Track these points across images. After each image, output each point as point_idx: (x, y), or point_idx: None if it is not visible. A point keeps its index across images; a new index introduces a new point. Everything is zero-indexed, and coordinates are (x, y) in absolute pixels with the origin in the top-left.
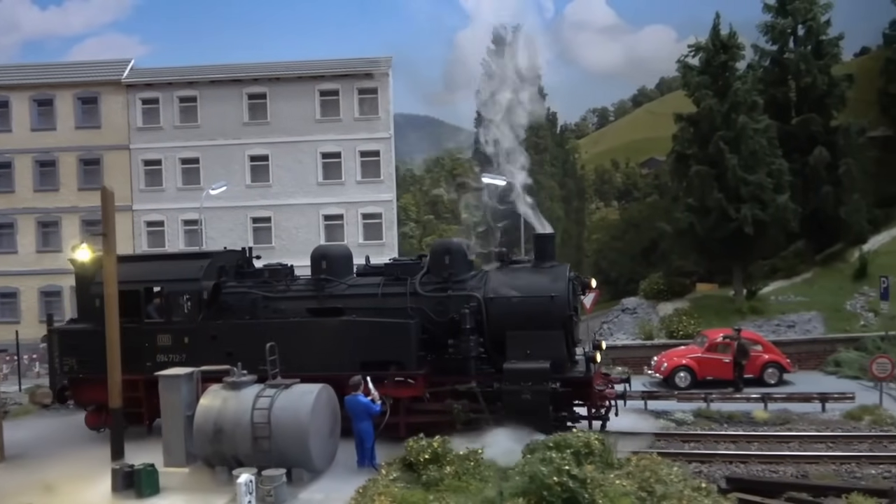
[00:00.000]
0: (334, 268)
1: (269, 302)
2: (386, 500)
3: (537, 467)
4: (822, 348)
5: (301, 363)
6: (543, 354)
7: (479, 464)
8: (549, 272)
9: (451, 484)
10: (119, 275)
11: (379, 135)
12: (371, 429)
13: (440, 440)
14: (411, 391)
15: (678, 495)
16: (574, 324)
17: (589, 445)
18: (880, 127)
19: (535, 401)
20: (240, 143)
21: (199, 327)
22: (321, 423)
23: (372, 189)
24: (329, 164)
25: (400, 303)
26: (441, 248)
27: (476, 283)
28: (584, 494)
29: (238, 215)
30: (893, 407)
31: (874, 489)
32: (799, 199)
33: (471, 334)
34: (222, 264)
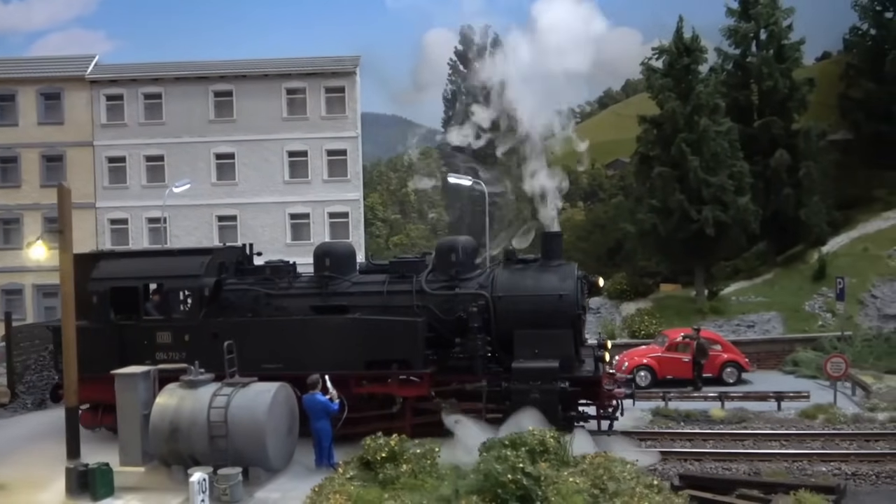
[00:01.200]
0: (338, 265)
1: (272, 299)
2: (341, 498)
3: (492, 465)
4: (780, 348)
5: (304, 362)
6: (552, 353)
7: (436, 462)
8: (557, 271)
9: (408, 482)
10: (117, 271)
11: (346, 133)
12: (329, 428)
13: (397, 438)
14: (417, 390)
15: (630, 492)
16: (582, 323)
17: (544, 444)
18: (840, 130)
19: (545, 400)
20: (205, 141)
21: (201, 325)
22: (279, 421)
23: (339, 188)
24: (295, 162)
25: (406, 301)
26: (447, 246)
27: (483, 281)
28: (538, 492)
29: (203, 213)
30: (847, 405)
31: (823, 486)
32: (760, 201)
33: (478, 333)
34: (222, 261)
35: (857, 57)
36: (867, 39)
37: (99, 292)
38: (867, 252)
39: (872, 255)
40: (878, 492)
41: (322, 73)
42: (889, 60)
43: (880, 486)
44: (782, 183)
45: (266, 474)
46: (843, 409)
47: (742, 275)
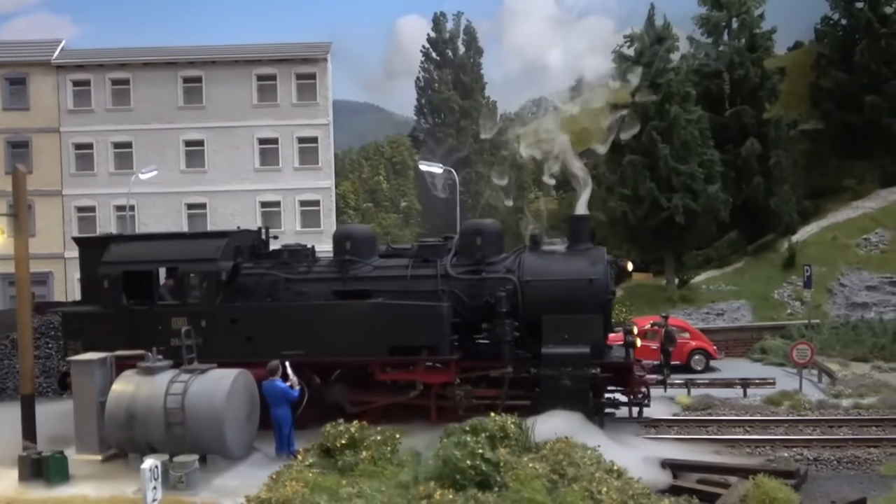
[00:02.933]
0: (358, 248)
1: (291, 284)
2: (298, 485)
3: (451, 451)
4: (749, 336)
5: (326, 348)
6: (581, 339)
7: (397, 449)
8: (586, 255)
9: (367, 469)
10: (129, 254)
11: (317, 121)
12: (289, 415)
13: (357, 425)
14: (442, 377)
15: (589, 477)
16: (611, 308)
17: (505, 429)
18: (811, 120)
19: (575, 387)
20: (174, 128)
21: (218, 310)
22: (237, 408)
23: (310, 176)
24: (266, 150)
25: (430, 285)
26: (472, 229)
27: (510, 265)
28: (496, 477)
29: (172, 201)
30: (813, 392)
31: (782, 470)
32: (731, 189)
33: (506, 318)
34: (238, 244)
35: (828, 47)
36: (838, 29)
37: (110, 276)
38: (836, 241)
39: (841, 244)
40: (838, 476)
41: (293, 60)
42: (859, 50)
43: (841, 471)
44: (753, 172)
45: (224, 462)
46: (809, 395)
47: (713, 264)
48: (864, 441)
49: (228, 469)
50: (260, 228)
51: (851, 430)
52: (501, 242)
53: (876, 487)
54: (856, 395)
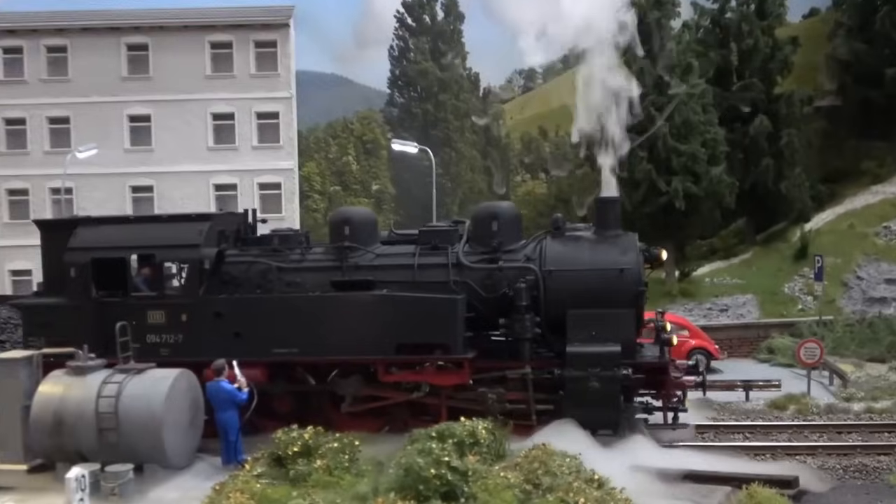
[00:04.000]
0: (358, 234)
1: (283, 273)
2: (242, 496)
3: (414, 459)
4: (755, 334)
5: (323, 345)
6: (611, 336)
7: (356, 458)
8: (616, 242)
9: (321, 479)
10: (99, 239)
11: (278, 94)
12: (236, 420)
13: (312, 431)
14: (455, 378)
15: (566, 487)
16: (644, 301)
17: (475, 435)
18: (827, 96)
19: (605, 389)
20: (118, 101)
21: (201, 303)
22: (178, 413)
23: (270, 156)
24: (221, 126)
25: (441, 276)
26: (487, 213)
27: (531, 253)
28: (464, 488)
29: (115, 183)
30: (822, 395)
31: (779, 479)
32: (737, 172)
33: (526, 312)
34: (222, 229)
35: (846, 14)
36: None
37: (77, 264)
38: (853, 229)
39: (858, 233)
40: (843, 486)
41: (251, 25)
42: (880, 18)
43: (847, 480)
44: (762, 153)
45: (164, 472)
46: (817, 399)
47: (718, 255)
48: (873, 448)
49: (168, 480)
50: (246, 211)
51: (861, 436)
52: (520, 228)
53: (884, 498)
54: (869, 399)
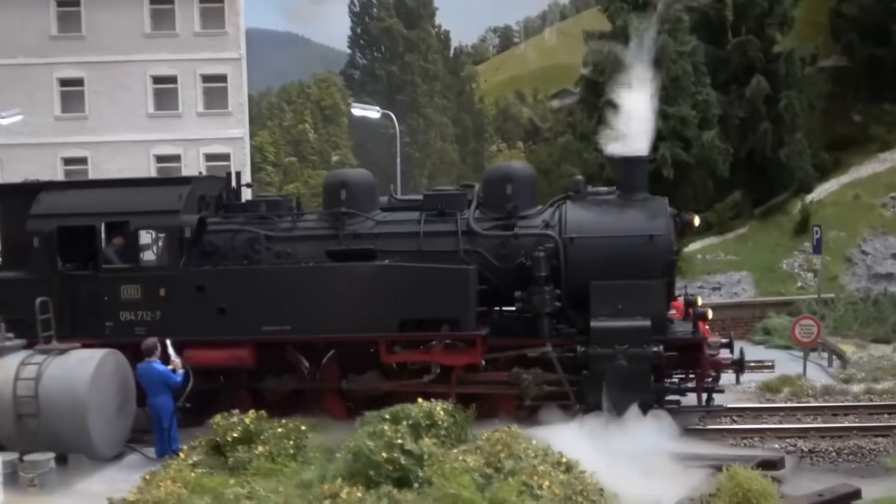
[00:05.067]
0: (356, 199)
1: (273, 243)
2: (174, 485)
3: (364, 442)
4: (750, 314)
5: (319, 322)
6: (639, 310)
7: (303, 445)
8: (643, 206)
9: (262, 467)
10: (65, 206)
11: (226, 55)
12: (170, 404)
13: (253, 416)
14: (466, 358)
15: (530, 470)
16: (675, 272)
17: (432, 417)
18: (832, 56)
19: (633, 368)
20: (46, 63)
21: (181, 275)
22: (105, 397)
23: (217, 123)
24: (162, 90)
25: (449, 244)
26: (500, 175)
27: (549, 218)
28: (418, 472)
29: (44, 154)
30: (819, 377)
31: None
32: (733, 138)
33: (545, 284)
34: (203, 194)
35: None
36: None
37: (41, 234)
38: (858, 200)
39: (864, 204)
40: (836, 470)
41: None
42: None
43: (840, 463)
44: (759, 117)
45: (91, 463)
46: (814, 381)
47: (713, 230)
48: (870, 430)
49: (95, 471)
50: (229, 174)
51: (859, 418)
52: (535, 192)
53: (880, 481)
54: (870, 380)
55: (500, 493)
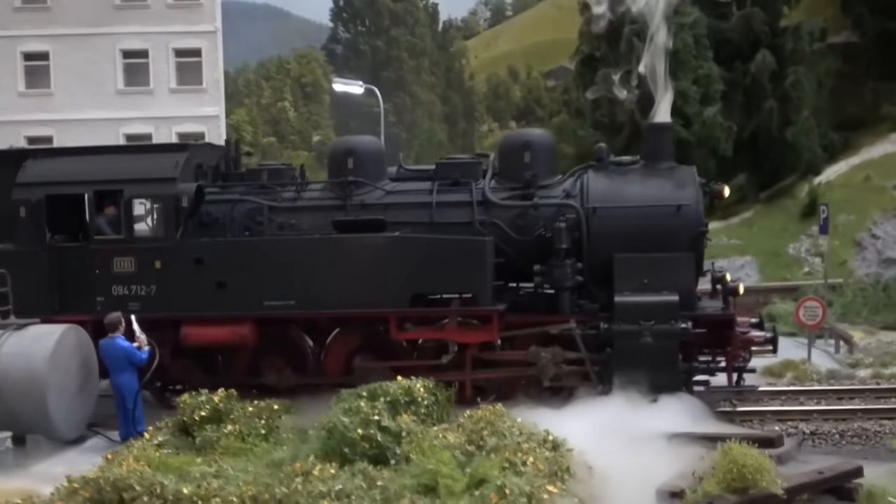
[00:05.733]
0: (364, 168)
1: (276, 214)
2: (136, 463)
3: (338, 418)
4: (753, 300)
5: (323, 297)
6: (667, 284)
7: (276, 425)
8: (671, 175)
9: (231, 446)
10: (53, 174)
11: (201, 27)
12: (135, 383)
13: (222, 395)
14: (482, 335)
15: (515, 447)
16: (705, 245)
17: (411, 393)
18: (842, 31)
19: (660, 346)
20: (8, 36)
21: (178, 247)
22: (66, 375)
23: (191, 100)
24: (133, 65)
25: (464, 215)
26: (517, 142)
27: (571, 188)
28: (396, 450)
29: (7, 133)
30: (825, 362)
31: (761, 437)
32: (737, 117)
33: (566, 257)
34: (200, 162)
35: None
36: None
37: (28, 203)
38: (869, 182)
39: (875, 186)
40: (838, 452)
41: None
42: None
43: (843, 445)
44: (765, 94)
45: (50, 445)
46: (819, 365)
47: (716, 215)
48: (875, 412)
49: (55, 454)
50: (227, 142)
51: (864, 401)
52: (555, 160)
53: (884, 463)
54: (878, 365)
55: (481, 469)
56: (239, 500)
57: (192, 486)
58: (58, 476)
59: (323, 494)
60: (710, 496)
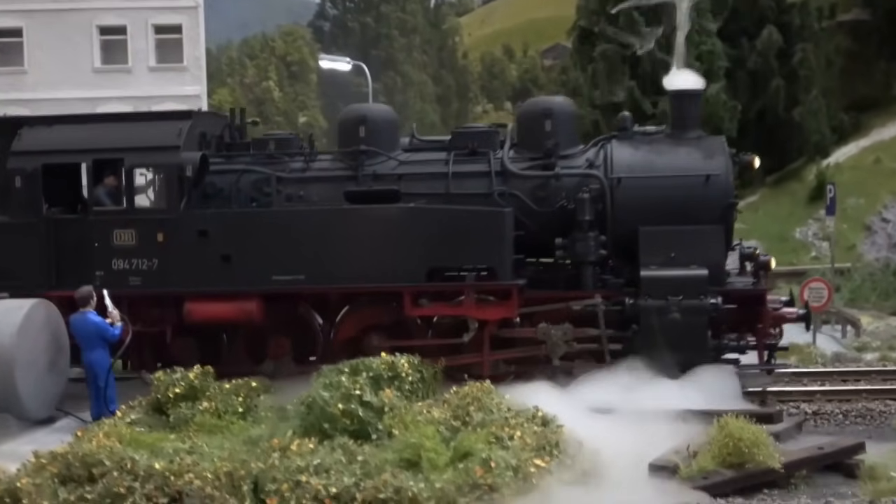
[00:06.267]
0: (376, 137)
1: (284, 184)
2: (107, 439)
3: (318, 393)
4: None
5: (334, 271)
6: (695, 258)
7: (254, 404)
8: (699, 144)
9: (207, 423)
10: (50, 142)
11: (182, 3)
12: (107, 360)
13: (199, 371)
14: (501, 311)
15: (502, 423)
16: (734, 218)
17: (395, 369)
18: (852, 9)
19: (688, 322)
20: None
21: (182, 219)
22: (35, 351)
23: (172, 79)
24: (110, 42)
25: (482, 186)
26: (537, 109)
27: (594, 158)
28: (378, 425)
29: None
30: (830, 346)
31: (759, 413)
32: (742, 96)
33: (590, 230)
34: (203, 130)
35: None
36: None
37: (23, 173)
38: (880, 165)
39: (886, 169)
40: (841, 432)
41: None
42: None
43: (846, 426)
44: (771, 73)
45: (19, 424)
46: (825, 349)
47: None
48: (881, 392)
49: (23, 433)
50: (232, 110)
51: (870, 383)
52: (576, 129)
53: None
54: (885, 349)
55: (466, 442)
56: (214, 475)
57: (164, 461)
58: (25, 455)
59: (301, 469)
60: (706, 471)
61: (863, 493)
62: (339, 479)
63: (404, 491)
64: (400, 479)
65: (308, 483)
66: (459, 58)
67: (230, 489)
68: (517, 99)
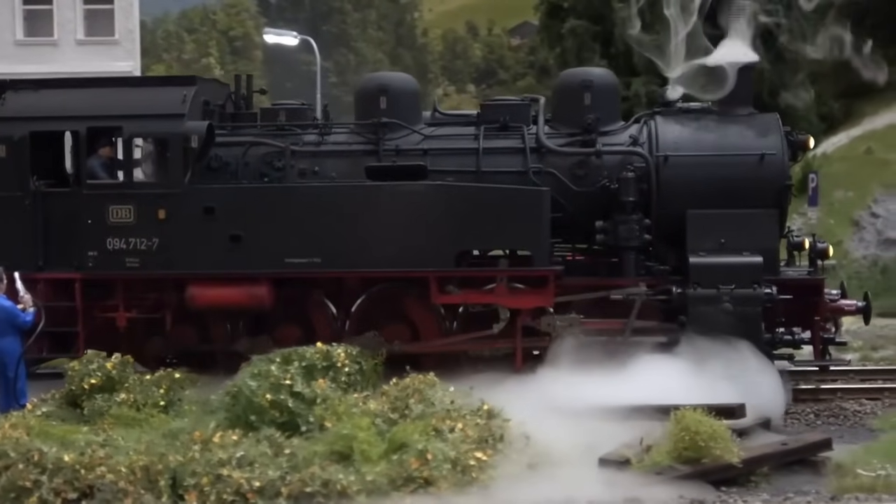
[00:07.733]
0: (398, 108)
1: (297, 158)
2: (13, 431)
3: (244, 382)
4: None
5: (353, 254)
6: (747, 244)
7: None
8: (751, 122)
9: (124, 415)
10: (39, 108)
11: None
12: (18, 348)
13: (116, 361)
14: (536, 299)
15: (443, 415)
16: (789, 201)
17: (330, 358)
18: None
19: (741, 313)
20: None
21: (186, 194)
22: None
23: (102, 54)
24: (35, 13)
25: (515, 163)
26: (576, 81)
27: (637, 134)
28: (309, 417)
29: None
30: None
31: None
32: None
33: (633, 212)
34: (207, 98)
35: None
36: None
37: (9, 142)
38: (871, 156)
39: (877, 160)
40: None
41: None
42: None
43: (817, 425)
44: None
45: None
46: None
47: None
48: (858, 392)
49: None
50: (238, 77)
51: (846, 382)
52: (618, 103)
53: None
54: (867, 348)
55: (401, 434)
56: (128, 469)
57: (74, 454)
58: None
59: (223, 462)
60: (660, 466)
61: (826, 490)
62: (263, 473)
63: (333, 484)
64: (329, 471)
65: (230, 476)
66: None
67: (146, 484)
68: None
